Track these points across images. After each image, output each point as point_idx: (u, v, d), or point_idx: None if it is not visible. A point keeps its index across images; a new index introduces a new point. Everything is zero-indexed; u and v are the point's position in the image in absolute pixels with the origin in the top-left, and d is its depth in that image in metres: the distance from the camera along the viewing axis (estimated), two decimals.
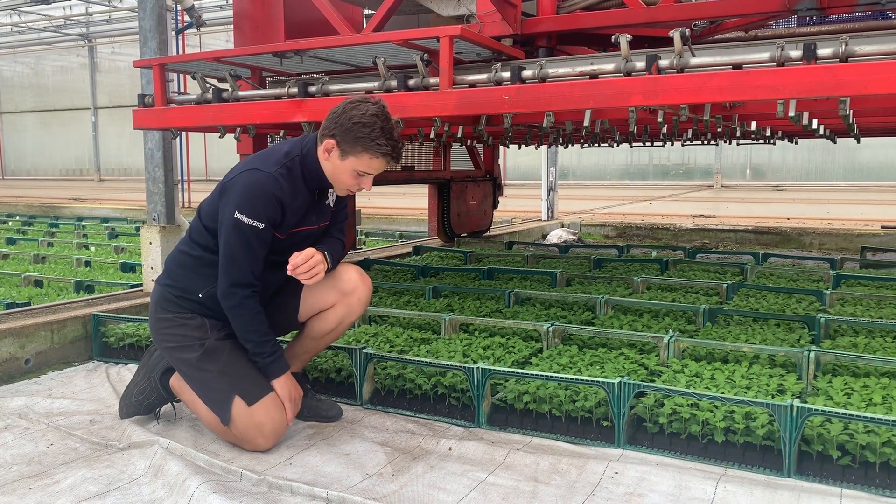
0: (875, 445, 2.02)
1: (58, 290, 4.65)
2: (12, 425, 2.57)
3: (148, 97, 3.63)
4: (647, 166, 18.25)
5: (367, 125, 2.26)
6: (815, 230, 7.24)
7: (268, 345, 2.37)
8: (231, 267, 2.31)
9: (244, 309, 2.33)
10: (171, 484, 2.09)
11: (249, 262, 2.31)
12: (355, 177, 2.36)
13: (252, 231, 2.28)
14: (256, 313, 2.35)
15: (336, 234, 2.59)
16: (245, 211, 2.27)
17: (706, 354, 2.86)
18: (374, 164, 2.32)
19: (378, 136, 2.27)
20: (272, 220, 2.32)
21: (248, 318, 2.34)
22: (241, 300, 2.32)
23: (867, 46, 2.31)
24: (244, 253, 2.30)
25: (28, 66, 25.47)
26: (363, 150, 2.29)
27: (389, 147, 2.30)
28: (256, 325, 2.36)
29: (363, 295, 2.54)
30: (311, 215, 2.47)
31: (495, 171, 7.25)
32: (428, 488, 2.08)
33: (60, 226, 9.08)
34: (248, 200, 2.28)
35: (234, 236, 2.28)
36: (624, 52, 2.56)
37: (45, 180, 23.76)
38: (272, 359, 2.38)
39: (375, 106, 2.29)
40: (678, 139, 4.99)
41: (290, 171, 2.36)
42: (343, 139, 2.30)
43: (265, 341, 2.37)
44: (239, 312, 2.33)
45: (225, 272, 2.33)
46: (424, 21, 4.08)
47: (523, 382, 2.50)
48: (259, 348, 2.36)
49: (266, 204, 2.29)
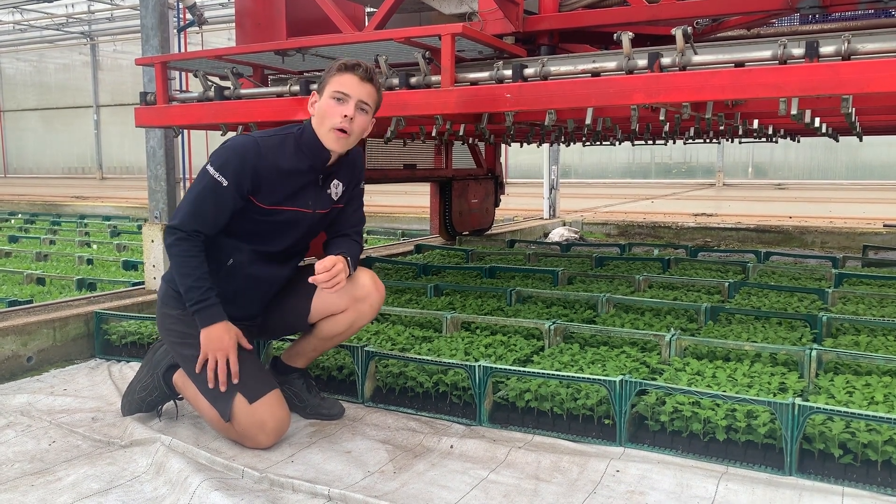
0: (877, 444, 2.01)
1: (60, 287, 4.65)
2: (14, 422, 2.58)
3: (150, 95, 3.63)
4: (648, 165, 18.24)
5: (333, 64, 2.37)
6: (817, 229, 7.23)
7: (197, 291, 2.31)
8: (183, 210, 2.34)
9: (178, 248, 2.31)
10: (172, 481, 2.09)
11: (199, 210, 2.32)
12: (336, 106, 2.35)
13: (213, 183, 2.31)
14: (192, 257, 2.32)
15: (354, 237, 2.59)
16: (214, 164, 2.32)
17: (708, 353, 2.86)
18: (345, 80, 2.34)
19: (342, 62, 2.36)
20: (239, 182, 2.32)
21: (178, 261, 2.32)
22: (175, 241, 2.32)
23: (870, 44, 2.30)
24: (198, 201, 2.32)
25: (30, 63, 25.49)
26: (332, 77, 2.35)
27: (352, 63, 2.35)
28: (186, 268, 2.31)
29: (375, 301, 2.52)
30: (306, 196, 2.45)
31: (497, 170, 7.24)
32: (429, 486, 2.09)
33: (62, 224, 9.08)
34: (220, 156, 2.33)
35: (196, 182, 2.34)
36: (626, 49, 2.56)
37: (48, 178, 23.78)
38: (202, 305, 2.31)
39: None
40: (680, 137, 4.99)
41: (281, 141, 2.41)
42: (319, 86, 2.40)
43: (197, 287, 2.31)
44: (174, 251, 2.32)
45: (175, 213, 2.37)
46: (426, 19, 4.07)
47: (525, 380, 2.50)
48: (192, 293, 2.31)
49: (237, 163, 2.31)
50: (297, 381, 2.62)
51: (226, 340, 2.31)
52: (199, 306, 2.31)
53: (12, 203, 12.82)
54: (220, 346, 2.31)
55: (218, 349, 2.30)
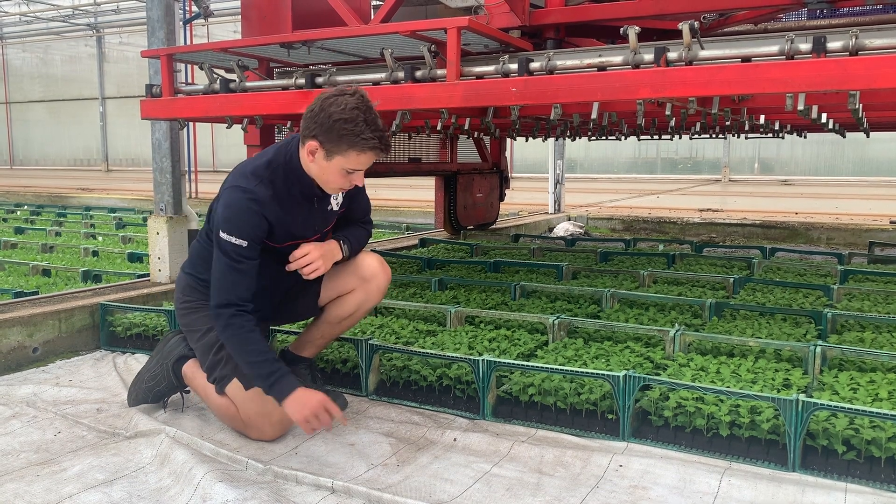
0: (881, 440, 2.01)
1: (65, 279, 4.67)
2: (20, 413, 2.59)
3: (155, 87, 3.63)
4: (654, 159, 18.20)
5: (349, 120, 2.12)
6: (822, 225, 7.21)
7: (265, 365, 2.20)
8: (218, 287, 2.26)
9: (232, 329, 2.23)
10: (177, 472, 2.10)
11: (235, 281, 2.24)
12: (344, 175, 2.24)
13: (235, 250, 2.22)
14: (248, 332, 2.22)
15: (360, 223, 2.61)
16: (227, 230, 2.22)
17: (712, 348, 2.86)
18: (363, 159, 2.21)
19: (363, 131, 2.13)
20: (255, 236, 2.25)
21: (238, 339, 2.23)
22: (228, 320, 2.23)
23: (878, 40, 2.29)
24: (229, 272, 2.24)
25: (37, 55, 25.53)
26: (349, 148, 2.16)
27: (376, 139, 2.16)
28: (248, 344, 2.22)
29: (382, 282, 2.55)
30: (313, 221, 2.41)
31: (502, 164, 7.24)
32: (432, 479, 2.09)
33: (68, 215, 9.11)
34: (230, 221, 2.22)
35: (219, 255, 2.25)
36: (632, 44, 2.55)
37: (54, 170, 23.83)
38: (273, 379, 2.19)
39: (354, 97, 2.16)
40: (686, 132, 4.97)
41: (272, 183, 2.27)
42: (326, 139, 2.17)
43: (261, 361, 2.21)
44: (229, 334, 2.24)
45: (213, 293, 2.27)
46: (432, 12, 4.06)
47: (528, 375, 2.50)
48: (257, 369, 2.21)
49: (248, 221, 2.22)
50: (303, 371, 2.63)
51: (312, 399, 2.19)
52: (272, 380, 2.19)
53: (18, 195, 12.86)
54: (312, 408, 2.18)
55: (312, 412, 2.17)
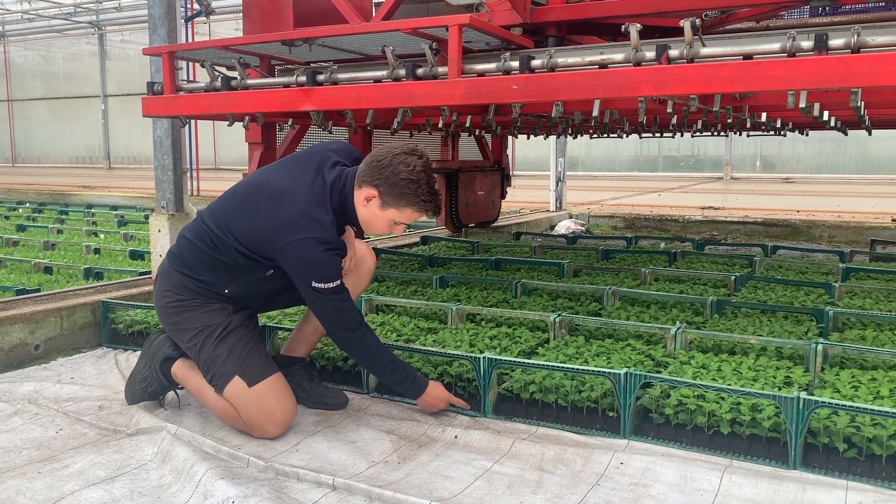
0: (882, 438, 2.01)
1: (67, 276, 4.68)
2: (22, 410, 2.60)
3: (157, 85, 3.63)
4: (656, 157, 18.16)
5: (414, 181, 2.29)
6: (824, 223, 7.20)
7: (401, 371, 2.44)
8: (336, 320, 2.36)
9: (370, 349, 2.40)
10: (178, 469, 2.10)
11: (348, 308, 2.36)
12: (391, 225, 2.39)
13: (334, 290, 2.31)
14: (378, 345, 2.42)
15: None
16: (319, 280, 2.29)
17: (713, 346, 2.86)
18: (415, 216, 2.38)
19: (424, 193, 2.31)
20: (340, 270, 2.36)
21: (375, 357, 2.42)
22: (360, 341, 2.38)
23: (880, 37, 2.29)
24: (342, 304, 2.34)
25: (38, 53, 25.51)
26: (407, 205, 2.33)
27: (434, 204, 2.35)
28: (383, 357, 2.43)
29: (371, 264, 2.69)
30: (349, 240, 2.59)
31: (503, 162, 7.23)
32: (433, 476, 2.09)
33: (70, 213, 9.11)
34: (320, 273, 2.28)
35: (320, 300, 2.33)
36: (634, 41, 2.54)
37: (55, 168, 23.84)
38: (410, 381, 2.46)
39: (421, 160, 2.32)
40: (688, 130, 4.97)
41: (336, 217, 2.36)
42: (388, 191, 2.31)
43: (397, 368, 2.44)
44: (370, 350, 2.40)
45: (329, 326, 2.39)
46: (434, 9, 4.06)
47: (529, 372, 2.50)
48: (394, 376, 2.44)
49: (333, 267, 2.31)
50: (298, 371, 2.63)
51: (443, 394, 2.53)
52: (410, 382, 2.47)
53: (20, 192, 12.86)
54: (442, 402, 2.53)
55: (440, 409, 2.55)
